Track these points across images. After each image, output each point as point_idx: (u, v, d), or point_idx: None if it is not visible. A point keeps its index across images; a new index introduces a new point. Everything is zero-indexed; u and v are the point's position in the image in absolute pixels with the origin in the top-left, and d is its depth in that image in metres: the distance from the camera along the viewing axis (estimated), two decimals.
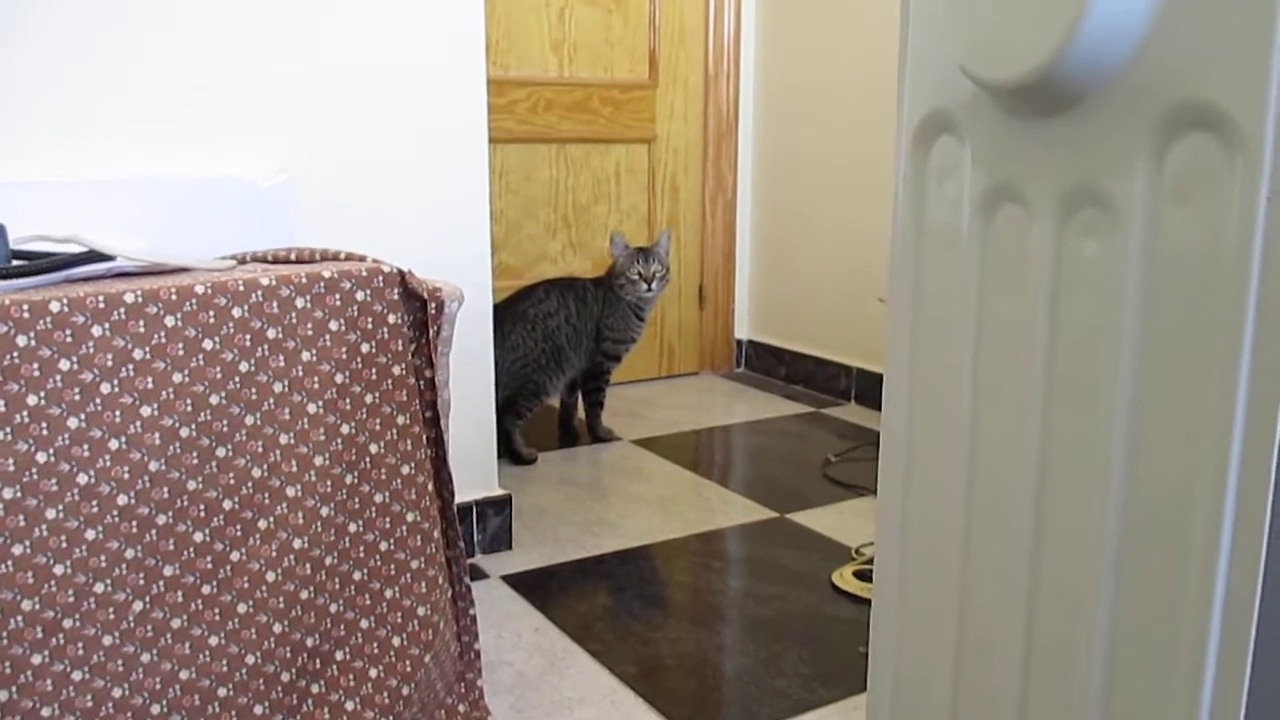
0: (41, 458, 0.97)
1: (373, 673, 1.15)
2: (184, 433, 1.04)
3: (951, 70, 0.73)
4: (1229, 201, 0.58)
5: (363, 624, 1.15)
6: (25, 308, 0.96)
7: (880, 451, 0.90)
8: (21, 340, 0.96)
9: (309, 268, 1.13)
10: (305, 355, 1.10)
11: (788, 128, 2.94)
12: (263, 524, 1.09)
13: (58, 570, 0.99)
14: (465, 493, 1.76)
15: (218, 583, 1.07)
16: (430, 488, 1.18)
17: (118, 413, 1.01)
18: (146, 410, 1.02)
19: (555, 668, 1.44)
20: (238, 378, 1.06)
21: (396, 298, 1.14)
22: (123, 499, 1.01)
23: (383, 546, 1.16)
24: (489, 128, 1.72)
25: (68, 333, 0.98)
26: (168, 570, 1.04)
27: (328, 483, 1.12)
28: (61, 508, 0.98)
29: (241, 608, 1.08)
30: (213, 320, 1.05)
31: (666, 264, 2.41)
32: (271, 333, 1.08)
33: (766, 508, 2.04)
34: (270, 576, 1.09)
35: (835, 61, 2.76)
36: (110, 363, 1.00)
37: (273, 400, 1.08)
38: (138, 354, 1.01)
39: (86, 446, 0.99)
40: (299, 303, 1.09)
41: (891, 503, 0.88)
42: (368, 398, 1.13)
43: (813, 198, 2.88)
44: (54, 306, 0.97)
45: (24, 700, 0.97)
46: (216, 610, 1.07)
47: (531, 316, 2.31)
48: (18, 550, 0.97)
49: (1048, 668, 0.73)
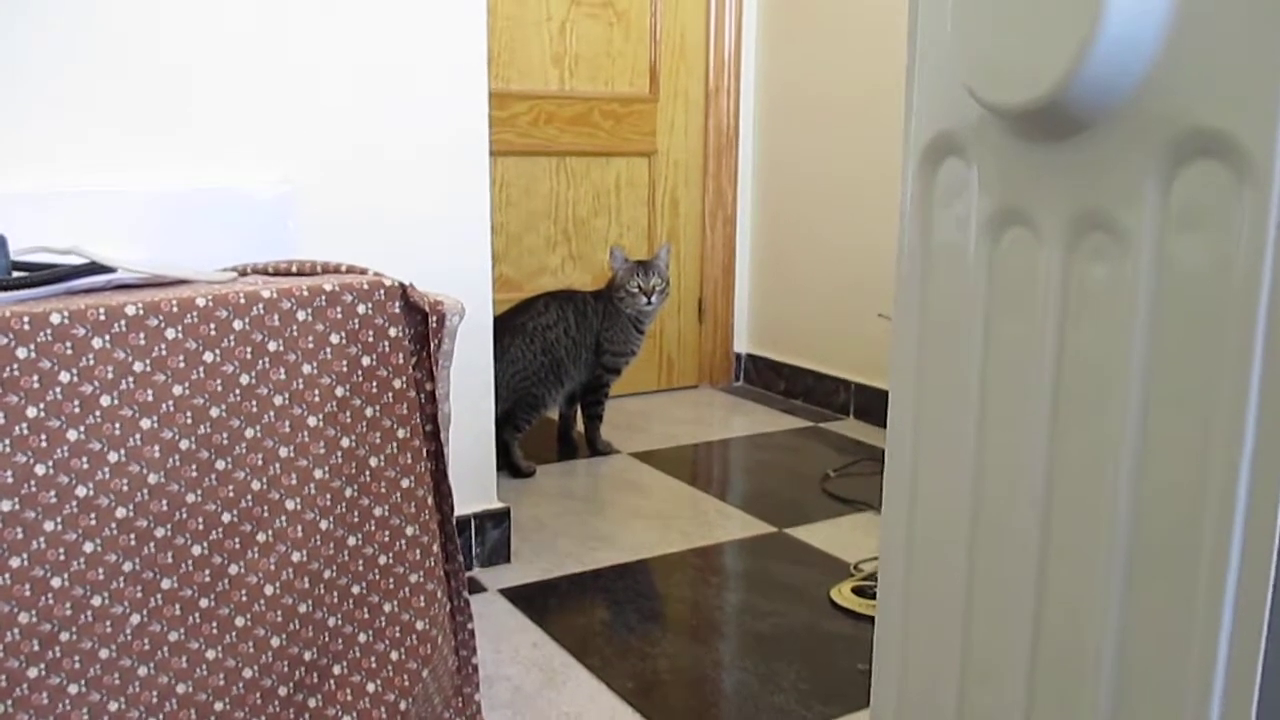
0: (40, 470, 0.97)
1: (370, 687, 1.14)
2: (184, 446, 1.04)
3: (959, 93, 0.73)
4: (1237, 229, 0.58)
5: (360, 638, 1.15)
6: (25, 320, 0.95)
7: (885, 468, 0.90)
8: (21, 352, 0.95)
9: (310, 281, 1.13)
10: (306, 368, 1.09)
11: (788, 142, 2.94)
12: (261, 537, 1.08)
13: (55, 583, 0.98)
14: (464, 505, 1.75)
15: (215, 596, 1.06)
16: (429, 501, 1.18)
17: (117, 425, 1.00)
18: (146, 423, 1.01)
19: (553, 683, 1.43)
20: (238, 391, 1.06)
21: (398, 311, 1.14)
22: (121, 512, 1.01)
23: (381, 560, 1.15)
24: (490, 140, 1.72)
25: (68, 345, 0.97)
26: (165, 583, 1.04)
27: (327, 496, 1.11)
28: (60, 520, 0.98)
29: (239, 621, 1.08)
30: (213, 333, 1.04)
31: (666, 277, 2.41)
32: (272, 346, 1.07)
33: (765, 522, 2.03)
34: (268, 590, 1.09)
35: (836, 75, 2.77)
36: (110, 375, 0.99)
37: (273, 413, 1.08)
38: (138, 366, 1.01)
39: (86, 459, 0.99)
40: (300, 316, 1.09)
41: (896, 519, 0.87)
42: (368, 411, 1.13)
43: (812, 212, 2.89)
44: (54, 319, 0.97)
45: (20, 714, 0.97)
46: (214, 624, 1.07)
47: (531, 329, 2.31)
48: (15, 563, 0.96)
49: (1054, 687, 0.72)
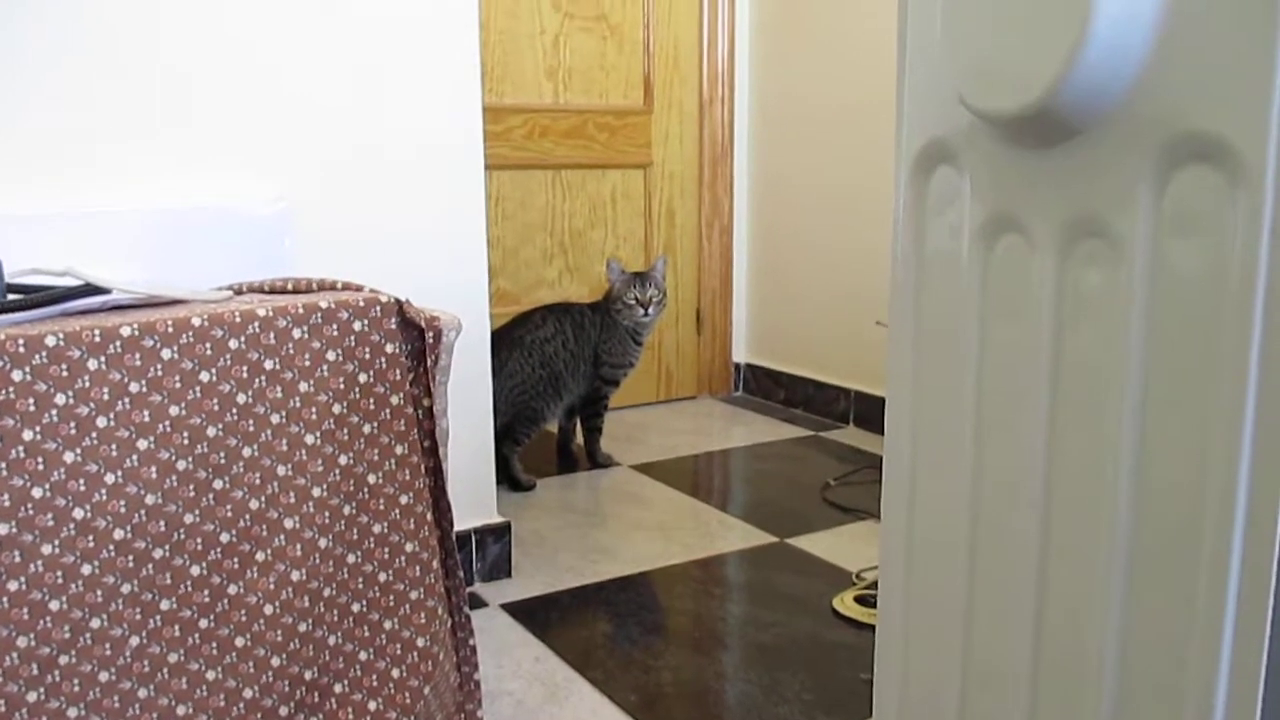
0: (37, 493, 0.96)
1: (372, 705, 1.14)
2: (181, 466, 1.03)
3: (950, 100, 0.73)
4: (1231, 233, 0.58)
5: (361, 656, 1.14)
6: (20, 342, 0.95)
7: (883, 476, 0.89)
8: (17, 375, 0.95)
9: (306, 298, 1.13)
10: (303, 386, 1.09)
11: (783, 151, 2.95)
12: (260, 556, 1.08)
13: (53, 606, 0.98)
14: (464, 520, 1.75)
15: (215, 616, 1.06)
16: (429, 517, 1.18)
17: (114, 447, 1.00)
18: (143, 444, 1.01)
19: (556, 697, 1.43)
20: (235, 410, 1.06)
21: (394, 327, 1.14)
22: (119, 533, 1.01)
23: (381, 577, 1.15)
24: (485, 154, 1.72)
25: (63, 367, 0.97)
26: (164, 604, 1.03)
27: (325, 514, 1.11)
28: (57, 543, 0.98)
29: (239, 641, 1.07)
30: (209, 352, 1.04)
31: (663, 288, 2.41)
32: (269, 364, 1.07)
33: (766, 532, 2.03)
34: (268, 609, 1.08)
35: (830, 85, 2.77)
36: (106, 396, 0.99)
37: (270, 432, 1.08)
38: (134, 387, 1.01)
39: (83, 481, 0.99)
40: (296, 333, 1.09)
41: (895, 528, 0.87)
42: (365, 428, 1.13)
43: (809, 221, 2.89)
44: (49, 341, 0.97)
45: None
46: (214, 644, 1.06)
47: (528, 343, 2.31)
48: (13, 586, 0.96)
49: (1057, 691, 0.72)
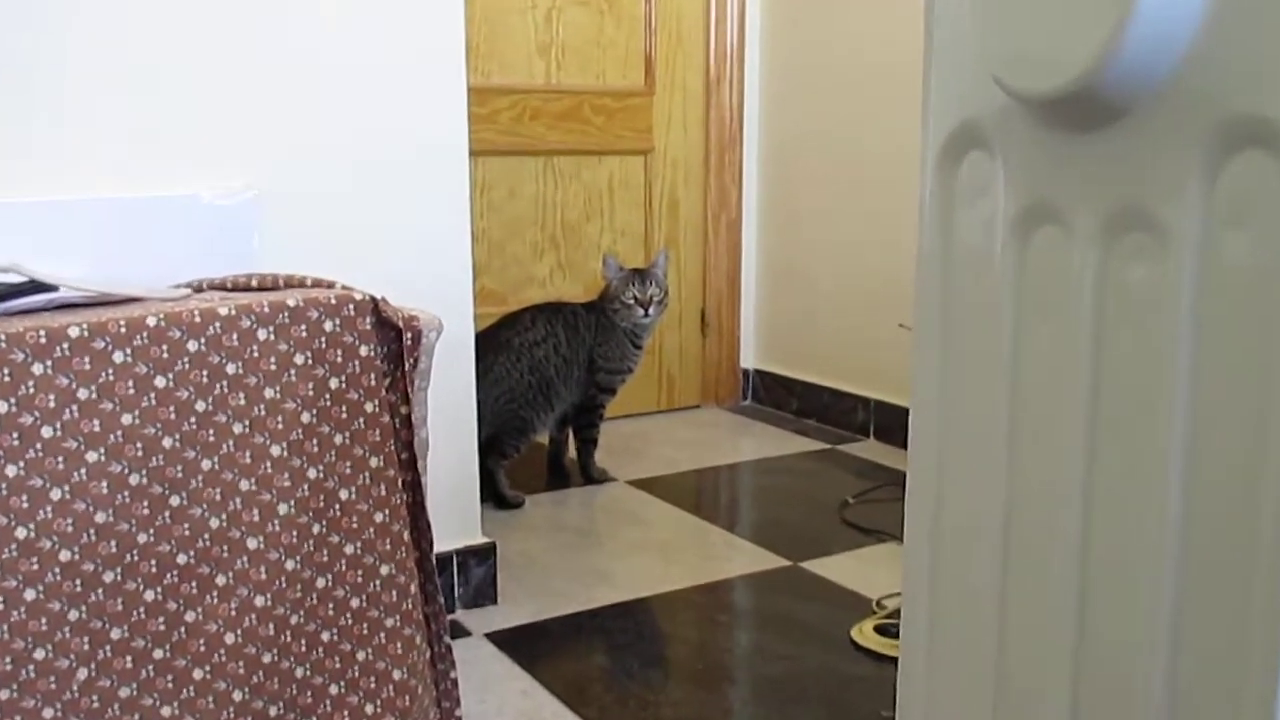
0: None
1: None
2: (134, 480, 1.03)
3: (982, 80, 0.73)
4: None
5: (332, 690, 1.14)
6: None
7: (906, 493, 0.89)
8: None
9: (272, 296, 1.13)
10: (268, 392, 1.09)
11: (797, 136, 2.95)
12: (221, 580, 1.08)
13: None
14: (445, 541, 1.75)
15: (171, 646, 1.06)
16: (406, 537, 1.17)
17: (60, 459, 1.00)
18: (92, 456, 1.01)
19: None
20: (194, 418, 1.06)
21: (369, 328, 1.14)
22: (66, 555, 1.00)
23: (354, 603, 1.15)
24: (469, 139, 1.72)
25: (5, 372, 0.97)
26: (115, 633, 1.03)
27: (293, 533, 1.11)
28: None
29: (197, 674, 1.07)
30: (166, 355, 1.04)
31: (664, 287, 2.41)
32: (231, 368, 1.07)
33: (778, 555, 2.03)
34: (229, 639, 1.08)
35: (850, 60, 2.78)
36: (52, 404, 0.99)
37: (232, 442, 1.08)
38: (83, 394, 1.00)
39: (26, 497, 0.98)
40: (261, 334, 1.09)
41: (919, 549, 0.87)
42: (337, 438, 1.13)
43: (826, 213, 2.89)
44: None
45: None
46: (170, 677, 1.06)
47: (516, 346, 2.31)
48: None
49: None
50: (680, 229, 3.00)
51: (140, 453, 1.03)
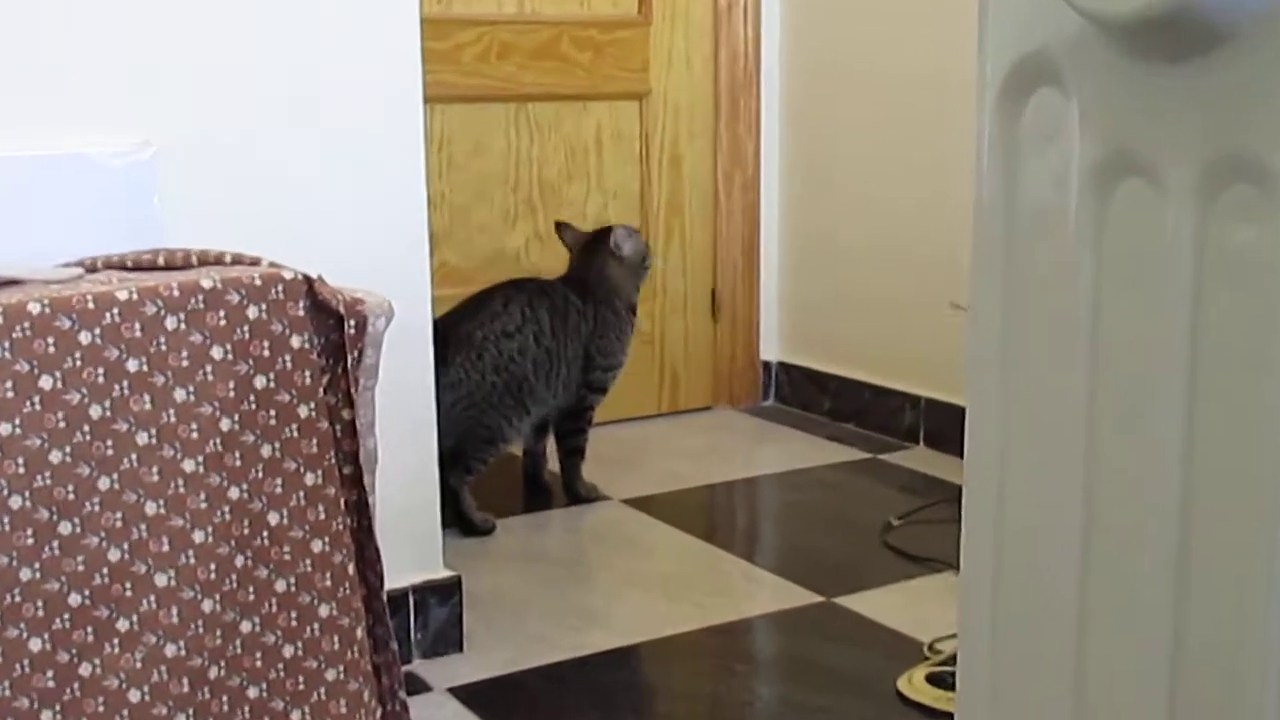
0: None
1: None
2: (15, 504, 1.03)
3: (1052, 2, 0.73)
4: None
5: None
6: None
7: (964, 511, 0.89)
8: None
9: (182, 276, 1.13)
10: (179, 394, 1.09)
11: (828, 75, 2.95)
12: (123, 625, 1.08)
13: None
14: (399, 575, 1.75)
15: (63, 706, 1.06)
16: (350, 570, 1.18)
17: None
18: None
19: None
20: (88, 428, 1.06)
21: (302, 314, 1.14)
22: None
23: (287, 652, 1.15)
24: (424, 82, 1.71)
25: None
26: None
27: (211, 567, 1.11)
28: None
29: None
30: (52, 350, 1.04)
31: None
32: (133, 365, 1.07)
33: (807, 589, 2.03)
34: (134, 696, 1.08)
35: None
36: None
37: (136, 457, 1.08)
38: None
39: None
40: (169, 323, 1.09)
41: (979, 581, 0.87)
42: (265, 450, 1.13)
43: (864, 169, 2.89)
44: None
45: None
46: None
47: (480, 340, 2.28)
48: None
49: None
50: (685, 190, 3.00)
51: (22, 470, 1.03)
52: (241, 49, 1.57)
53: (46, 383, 1.04)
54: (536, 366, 2.33)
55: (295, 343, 1.14)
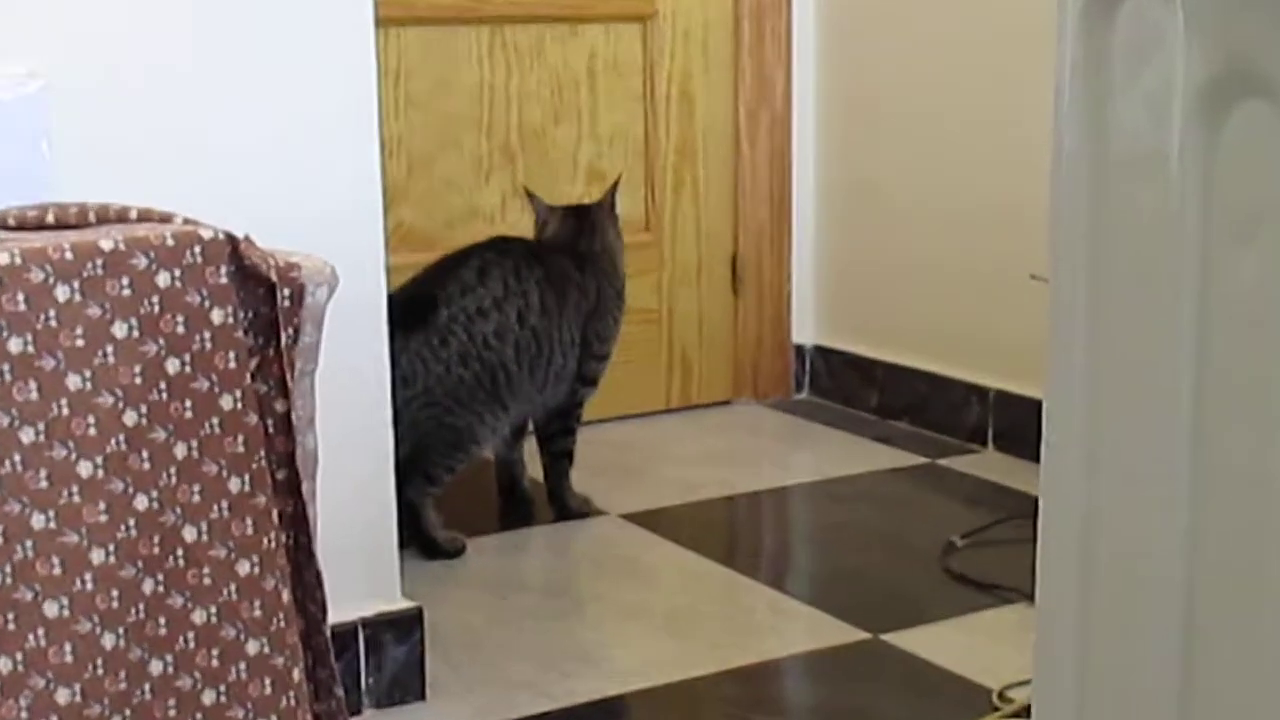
0: None
1: None
2: None
3: None
4: None
5: None
6: None
7: (1040, 527, 0.89)
8: None
9: (77, 236, 1.12)
10: (72, 381, 1.09)
11: None
12: (4, 665, 1.08)
13: None
14: (347, 606, 1.75)
15: None
16: (286, 598, 1.17)
17: None
18: None
19: None
20: None
21: (225, 281, 1.14)
22: None
23: (207, 698, 1.15)
24: (375, 2, 1.71)
25: None
26: None
27: (113, 594, 1.11)
28: None
29: None
30: None
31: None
32: (15, 345, 1.07)
33: (849, 624, 2.03)
34: None
35: None
36: None
37: (19, 458, 1.07)
38: None
39: None
40: (60, 293, 1.08)
41: (1059, 611, 0.87)
42: (179, 450, 1.13)
43: (919, 108, 2.88)
44: None
45: None
46: None
47: (444, 320, 2.26)
48: None
49: None
50: (698, 134, 2.99)
51: None
52: None
53: None
54: (519, 352, 2.30)
55: (216, 317, 1.14)
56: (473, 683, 1.87)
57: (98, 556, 1.10)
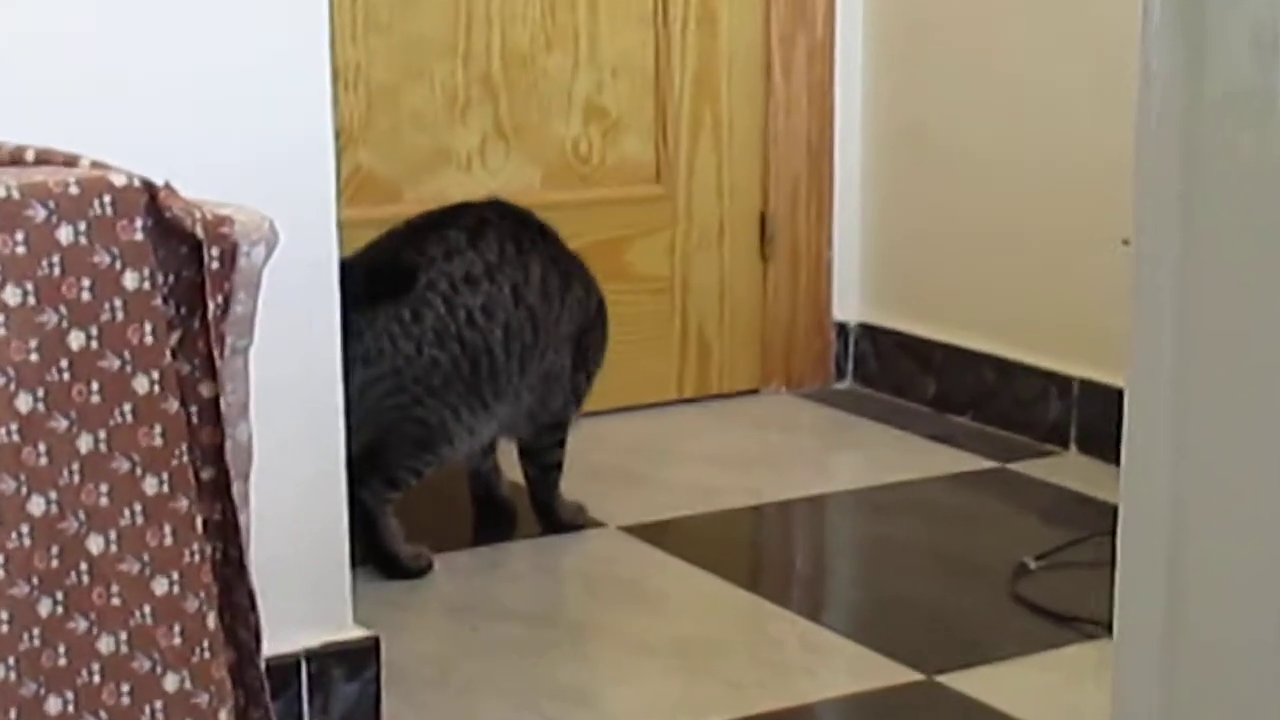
0: None
1: None
2: None
3: None
4: None
5: None
6: None
7: (1119, 545, 0.90)
8: None
9: None
10: None
11: None
12: None
13: None
14: (287, 635, 1.76)
15: None
16: (211, 624, 1.18)
17: None
18: None
19: None
20: None
21: (140, 239, 1.14)
22: None
23: None
24: None
25: None
26: None
27: (3, 616, 1.11)
28: None
29: None
30: None
31: None
32: None
33: (899, 663, 2.03)
34: None
35: None
36: None
37: None
38: None
39: None
40: None
41: (1140, 646, 0.88)
42: (83, 443, 1.13)
43: (987, 38, 2.88)
44: None
45: None
46: None
47: (422, 287, 2.24)
48: None
49: None
50: (722, 66, 3.00)
51: None
52: None
53: None
54: (509, 337, 2.27)
55: (130, 282, 1.14)
56: None
57: None
